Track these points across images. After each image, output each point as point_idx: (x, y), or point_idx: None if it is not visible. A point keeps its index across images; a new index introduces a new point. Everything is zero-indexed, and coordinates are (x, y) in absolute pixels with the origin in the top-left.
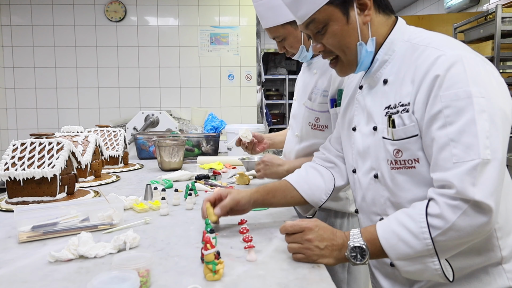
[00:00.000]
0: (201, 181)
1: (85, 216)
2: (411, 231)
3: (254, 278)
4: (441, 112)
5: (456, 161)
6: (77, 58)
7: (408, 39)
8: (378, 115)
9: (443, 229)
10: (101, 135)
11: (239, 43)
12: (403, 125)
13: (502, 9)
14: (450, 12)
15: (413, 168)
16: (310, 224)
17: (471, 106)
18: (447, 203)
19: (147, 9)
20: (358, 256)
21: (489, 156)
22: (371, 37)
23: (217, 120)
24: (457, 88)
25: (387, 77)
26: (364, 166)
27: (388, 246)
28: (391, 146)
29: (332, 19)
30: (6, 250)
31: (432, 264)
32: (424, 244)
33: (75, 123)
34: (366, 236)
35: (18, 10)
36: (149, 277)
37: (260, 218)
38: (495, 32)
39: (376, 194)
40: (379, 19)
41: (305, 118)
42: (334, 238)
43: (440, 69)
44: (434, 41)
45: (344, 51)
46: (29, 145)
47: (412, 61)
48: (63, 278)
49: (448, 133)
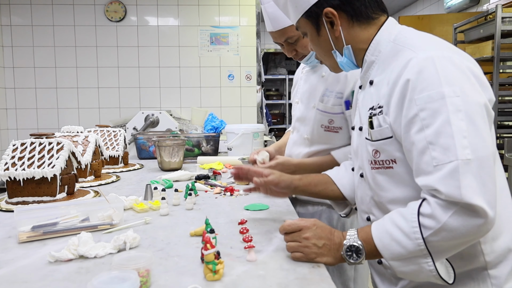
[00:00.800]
0: (201, 181)
1: (85, 216)
2: (403, 230)
3: (254, 278)
4: (417, 116)
5: (436, 164)
6: (77, 58)
7: (394, 39)
8: (364, 116)
9: (434, 229)
10: (101, 135)
11: (239, 43)
12: (379, 126)
13: (502, 9)
14: (450, 12)
15: (390, 168)
16: (308, 223)
17: (445, 107)
18: (438, 203)
19: (147, 9)
20: (354, 255)
21: (469, 155)
22: (346, 45)
23: (217, 120)
24: (430, 90)
25: (373, 78)
26: (356, 165)
27: (381, 245)
28: (370, 146)
29: (307, 30)
30: (6, 250)
31: (426, 265)
32: (416, 244)
33: (75, 123)
34: (362, 235)
35: (18, 10)
36: (149, 277)
37: (260, 218)
38: (495, 32)
39: (363, 193)
40: (355, 29)
41: (317, 121)
42: (332, 237)
43: (411, 73)
44: (412, 41)
45: (322, 57)
46: (29, 145)
47: (391, 62)
48: (63, 278)
49: (426, 136)
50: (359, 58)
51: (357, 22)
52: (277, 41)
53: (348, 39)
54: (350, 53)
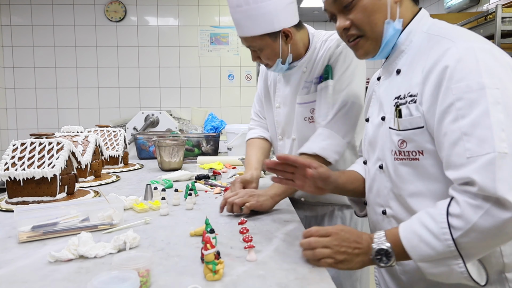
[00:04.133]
0: (201, 181)
1: (85, 216)
2: (432, 231)
3: (254, 278)
4: (453, 105)
5: (470, 156)
6: (77, 58)
7: (427, 30)
8: (388, 105)
9: (464, 230)
10: (101, 135)
11: (239, 43)
12: (410, 115)
13: (502, 9)
14: (450, 12)
15: (416, 160)
16: (336, 229)
17: (484, 98)
18: (468, 202)
19: (147, 9)
20: (384, 258)
21: (506, 149)
22: (399, 18)
23: (217, 120)
24: (469, 79)
25: (400, 67)
26: (373, 157)
27: (410, 247)
28: (396, 136)
29: None
30: (6, 250)
31: (457, 267)
32: (445, 246)
33: (75, 123)
34: (390, 237)
35: (18, 10)
36: (149, 277)
37: (260, 218)
38: (495, 32)
39: (381, 185)
40: (407, 3)
41: (299, 116)
42: (361, 241)
43: (450, 60)
44: (450, 32)
45: (372, 27)
46: (29, 145)
47: (425, 51)
48: (63, 278)
49: (460, 126)
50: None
51: None
52: (243, 45)
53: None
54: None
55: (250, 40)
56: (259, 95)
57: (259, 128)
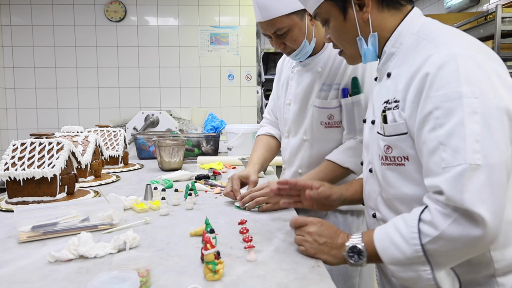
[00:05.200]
0: (201, 181)
1: (85, 216)
2: (402, 235)
3: (254, 278)
4: (432, 114)
5: (444, 166)
6: (77, 58)
7: (417, 31)
8: (378, 109)
9: (432, 237)
10: (101, 135)
11: (239, 43)
12: (394, 121)
13: (502, 9)
14: (450, 12)
15: (402, 165)
16: (315, 220)
17: (460, 108)
18: (439, 210)
19: (147, 9)
20: (355, 256)
21: (479, 161)
22: (372, 32)
23: (217, 120)
24: (447, 88)
25: (391, 71)
26: (366, 160)
27: (381, 249)
28: (382, 141)
29: (331, 15)
30: (6, 250)
31: (424, 273)
32: (414, 250)
33: (75, 123)
34: (365, 237)
35: (18, 10)
36: (149, 277)
37: (260, 218)
38: (495, 32)
39: (371, 188)
40: (384, 14)
41: (316, 119)
42: (335, 237)
43: (431, 67)
44: (436, 35)
45: (344, 46)
46: (29, 145)
47: (412, 55)
48: (63, 278)
49: (437, 136)
50: (380, 49)
51: (386, 6)
52: (265, 33)
53: (375, 25)
54: (375, 41)
55: (278, 21)
56: (274, 94)
57: (268, 126)
